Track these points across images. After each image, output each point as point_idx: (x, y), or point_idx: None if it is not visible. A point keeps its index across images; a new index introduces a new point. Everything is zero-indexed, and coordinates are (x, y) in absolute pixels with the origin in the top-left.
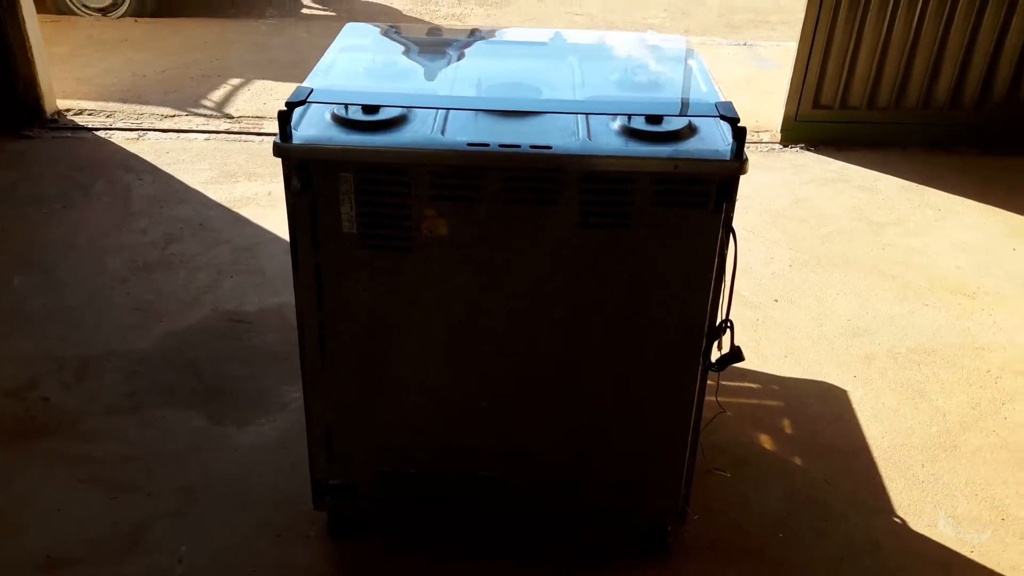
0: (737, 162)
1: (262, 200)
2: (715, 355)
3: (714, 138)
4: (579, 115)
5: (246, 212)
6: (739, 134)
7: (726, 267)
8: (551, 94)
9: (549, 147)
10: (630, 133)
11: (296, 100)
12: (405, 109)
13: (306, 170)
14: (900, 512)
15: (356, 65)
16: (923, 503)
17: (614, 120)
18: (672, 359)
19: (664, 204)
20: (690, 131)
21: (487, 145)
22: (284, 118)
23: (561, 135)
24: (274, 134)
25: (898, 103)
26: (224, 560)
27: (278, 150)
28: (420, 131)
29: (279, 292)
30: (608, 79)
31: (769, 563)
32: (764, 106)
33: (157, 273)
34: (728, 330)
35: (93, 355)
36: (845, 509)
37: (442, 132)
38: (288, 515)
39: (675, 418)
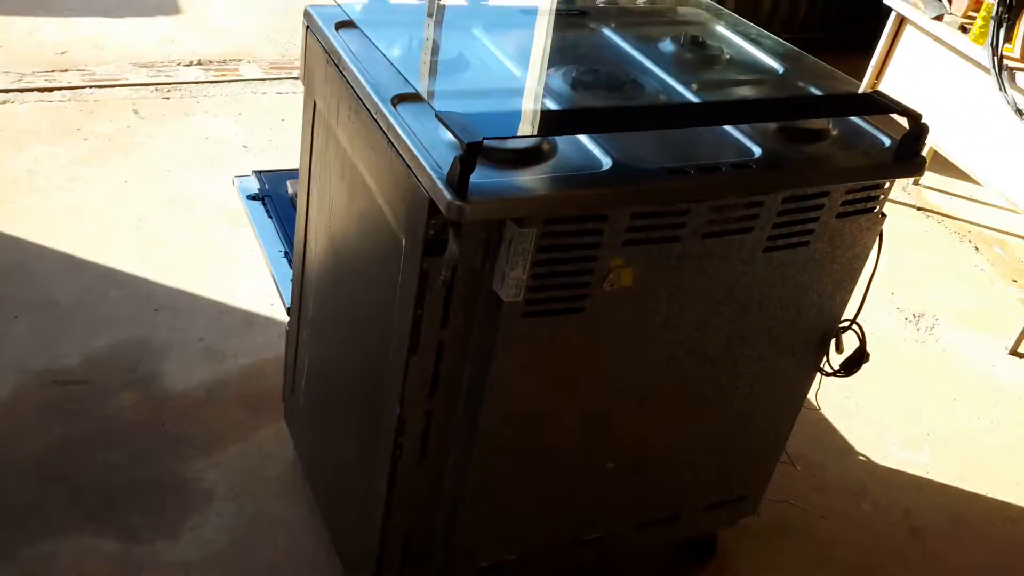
0: (921, 162)
1: None
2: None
3: (866, 131)
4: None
5: None
6: (919, 130)
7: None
8: (653, 83)
9: (751, 164)
10: (790, 134)
11: (474, 139)
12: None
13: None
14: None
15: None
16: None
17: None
18: (800, 368)
19: (845, 214)
20: (829, 124)
21: (688, 172)
22: (467, 164)
23: (727, 144)
24: None
25: None
26: None
27: (455, 210)
28: (584, 157)
29: (95, 330)
30: (676, 55)
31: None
32: None
33: None
34: (855, 332)
35: None
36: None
37: (610, 153)
38: None
39: (781, 427)
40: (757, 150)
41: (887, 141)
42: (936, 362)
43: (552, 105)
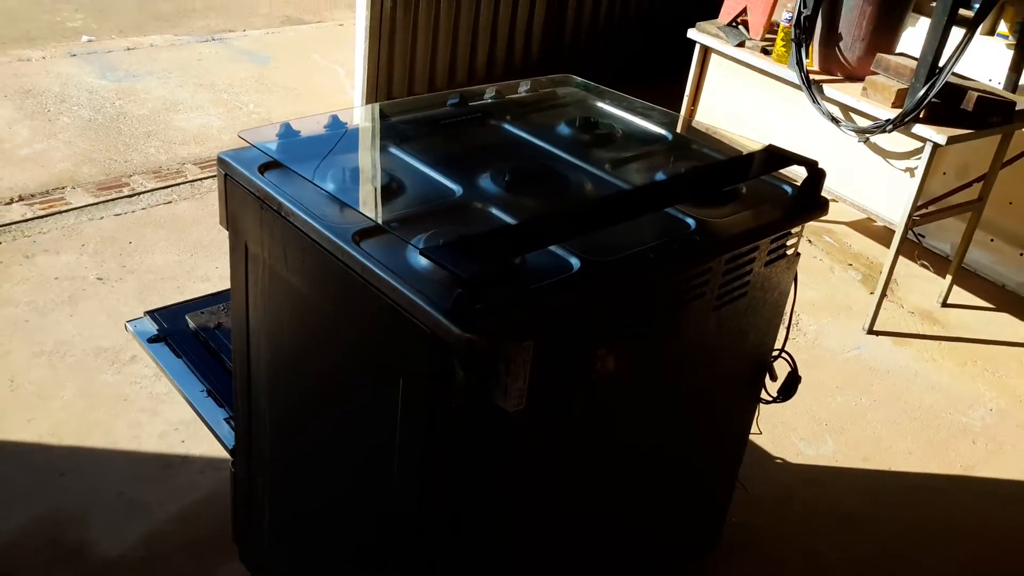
0: (826, 203)
1: None
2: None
3: (766, 181)
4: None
5: None
6: (817, 176)
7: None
8: (574, 172)
9: (695, 237)
10: (711, 198)
11: (474, 275)
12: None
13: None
14: None
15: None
16: None
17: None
18: (746, 403)
19: (770, 262)
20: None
21: (649, 256)
22: (470, 298)
23: (662, 220)
24: None
25: (450, 82)
26: None
27: (466, 344)
28: (550, 258)
29: (2, 512)
30: (577, 139)
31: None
32: (330, 102)
33: None
34: (785, 359)
35: None
36: None
37: (570, 249)
38: None
39: (735, 460)
40: (691, 221)
41: (788, 188)
42: (809, 356)
43: (504, 215)
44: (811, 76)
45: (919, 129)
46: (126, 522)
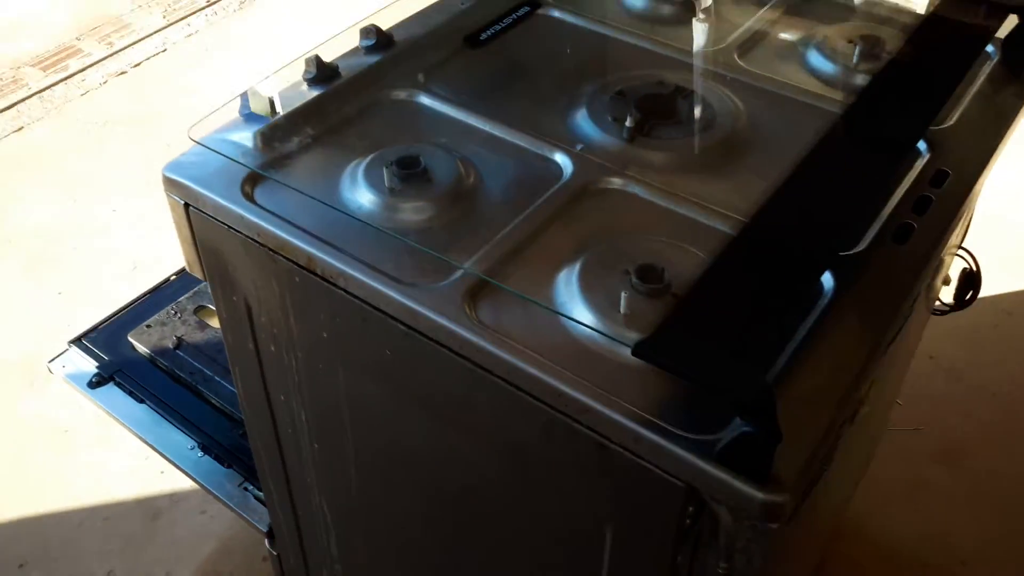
0: None
1: None
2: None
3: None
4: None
5: None
6: None
7: None
8: (693, 77)
9: (946, 171)
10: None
11: (761, 396)
12: None
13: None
14: None
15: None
16: None
17: None
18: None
19: None
20: None
21: (912, 227)
22: (771, 436)
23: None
24: None
25: None
26: None
27: (772, 511)
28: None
29: None
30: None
31: None
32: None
33: None
34: (962, 258)
35: None
36: None
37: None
38: None
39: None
40: (921, 146)
41: (990, 48)
42: None
43: (658, 198)
44: None
45: None
46: None
